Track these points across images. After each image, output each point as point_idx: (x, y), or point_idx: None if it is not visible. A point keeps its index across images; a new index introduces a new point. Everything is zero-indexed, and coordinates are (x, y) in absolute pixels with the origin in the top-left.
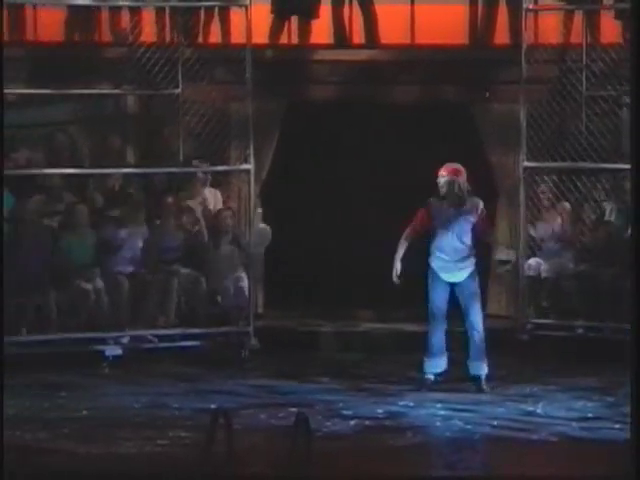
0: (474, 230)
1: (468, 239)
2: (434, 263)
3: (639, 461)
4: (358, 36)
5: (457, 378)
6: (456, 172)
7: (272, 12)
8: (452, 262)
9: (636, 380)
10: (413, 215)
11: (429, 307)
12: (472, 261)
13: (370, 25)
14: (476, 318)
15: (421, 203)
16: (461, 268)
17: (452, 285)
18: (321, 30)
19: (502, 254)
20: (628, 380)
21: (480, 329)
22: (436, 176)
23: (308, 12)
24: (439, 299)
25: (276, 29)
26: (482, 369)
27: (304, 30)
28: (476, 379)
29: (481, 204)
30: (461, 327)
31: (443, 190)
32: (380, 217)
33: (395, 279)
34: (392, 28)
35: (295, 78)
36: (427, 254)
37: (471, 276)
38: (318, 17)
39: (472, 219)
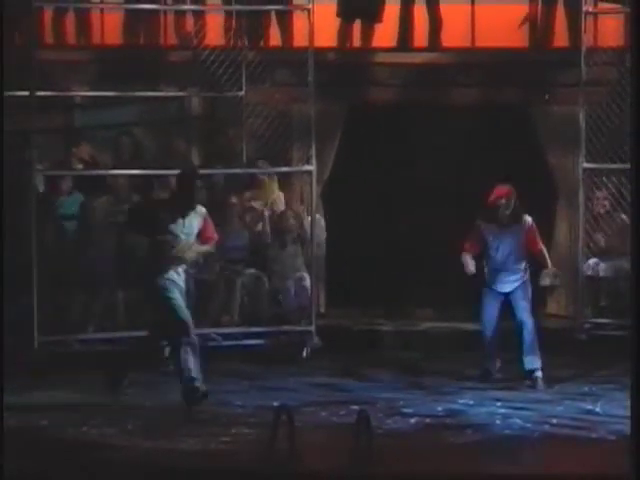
0: (525, 246)
1: (520, 255)
2: (487, 278)
3: (639, 460)
4: (419, 39)
5: (516, 376)
6: (508, 194)
7: (337, 15)
8: (504, 275)
9: (636, 379)
10: (469, 225)
11: (482, 319)
12: (523, 274)
13: (435, 27)
14: (525, 316)
15: (480, 204)
16: (513, 280)
17: (505, 294)
18: (382, 33)
19: (545, 280)
20: None
21: (530, 327)
22: (486, 192)
23: (372, 15)
24: (491, 312)
25: (341, 31)
26: (536, 363)
27: (367, 33)
28: (531, 373)
29: (530, 220)
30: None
31: (496, 213)
32: (440, 218)
33: (470, 269)
34: (452, 29)
35: (356, 80)
36: (481, 271)
37: (522, 286)
38: (382, 21)
39: (523, 236)
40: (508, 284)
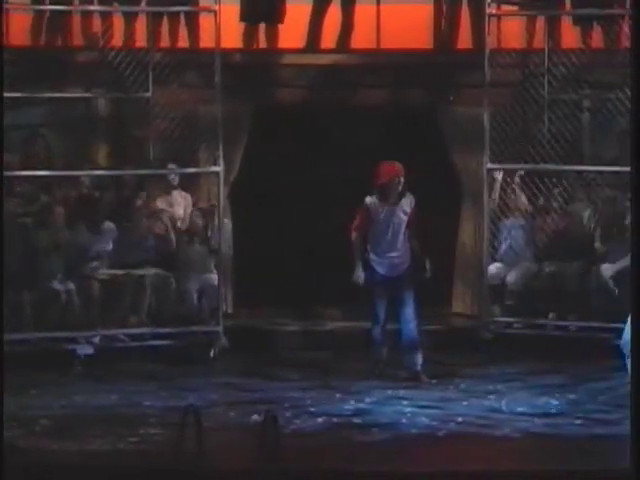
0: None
1: (404, 235)
2: (373, 260)
3: (639, 459)
4: (325, 40)
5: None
6: (398, 171)
7: (241, 19)
8: (389, 258)
9: (636, 378)
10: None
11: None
12: (408, 256)
13: (347, 29)
14: (410, 310)
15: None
16: (398, 264)
17: (391, 280)
18: (289, 34)
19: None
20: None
21: (414, 321)
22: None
23: (275, 18)
24: (380, 296)
25: (248, 33)
26: (418, 360)
27: (273, 35)
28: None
29: (414, 200)
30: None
31: (386, 190)
32: (347, 217)
33: (359, 279)
34: (358, 31)
35: (263, 82)
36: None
37: (407, 271)
38: (283, 22)
39: (407, 215)
40: (394, 268)
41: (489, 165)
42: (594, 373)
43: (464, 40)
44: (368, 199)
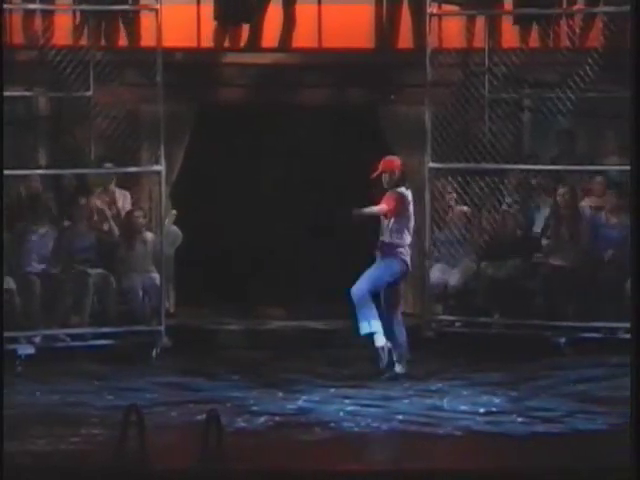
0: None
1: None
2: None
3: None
4: (267, 39)
5: (366, 374)
6: (388, 165)
7: (215, 18)
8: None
9: (636, 378)
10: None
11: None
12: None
13: (288, 28)
14: (400, 310)
15: (330, 203)
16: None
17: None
18: (232, 33)
19: None
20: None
21: (402, 322)
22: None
23: (249, 19)
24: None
25: (218, 34)
26: (404, 362)
27: (215, 34)
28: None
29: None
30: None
31: (385, 185)
32: (289, 217)
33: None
34: (299, 30)
35: (205, 81)
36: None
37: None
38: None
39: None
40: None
41: (431, 164)
42: (535, 371)
43: (405, 40)
44: (402, 189)
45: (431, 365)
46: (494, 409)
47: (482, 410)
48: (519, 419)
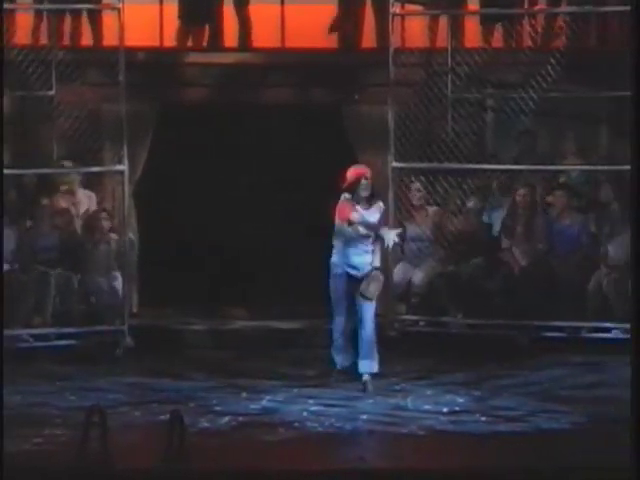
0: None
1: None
2: (337, 258)
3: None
4: (231, 39)
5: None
6: (369, 173)
7: (179, 17)
8: (355, 259)
9: (636, 379)
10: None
11: (333, 303)
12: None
13: (245, 28)
14: (368, 317)
15: (294, 202)
16: (365, 264)
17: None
18: (197, 33)
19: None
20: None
21: (371, 326)
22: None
23: (212, 19)
24: (343, 295)
25: (181, 34)
26: (370, 366)
27: (178, 33)
28: (361, 376)
29: (382, 207)
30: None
31: (363, 193)
32: (252, 217)
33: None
34: (263, 29)
35: (168, 80)
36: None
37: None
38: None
39: (378, 220)
40: (360, 270)
41: (394, 164)
42: (498, 370)
43: (368, 39)
44: (347, 195)
45: (394, 365)
46: (457, 408)
47: (445, 409)
48: (482, 418)
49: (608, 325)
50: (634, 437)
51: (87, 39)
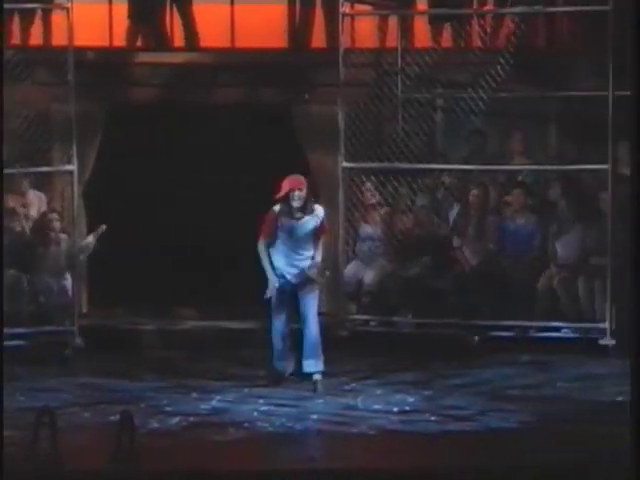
0: (315, 235)
1: (310, 246)
2: (278, 264)
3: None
4: (180, 39)
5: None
6: (302, 184)
7: (128, 17)
8: (295, 266)
9: (636, 380)
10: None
11: (270, 303)
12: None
13: (190, 27)
14: (311, 317)
15: (244, 202)
16: (304, 268)
17: (294, 285)
18: (145, 33)
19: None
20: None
21: (315, 326)
22: (274, 186)
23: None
24: (279, 293)
25: (130, 33)
26: (317, 366)
27: (127, 33)
28: (310, 376)
29: (322, 212)
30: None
31: (296, 204)
32: (202, 217)
33: (272, 291)
34: (212, 29)
35: (118, 80)
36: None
37: (311, 281)
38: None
39: (314, 226)
40: (297, 276)
41: (344, 164)
42: (448, 370)
43: (318, 39)
44: (277, 207)
45: (345, 364)
46: (408, 408)
47: (396, 409)
48: (432, 418)
49: (557, 324)
50: (634, 437)
51: (36, 38)
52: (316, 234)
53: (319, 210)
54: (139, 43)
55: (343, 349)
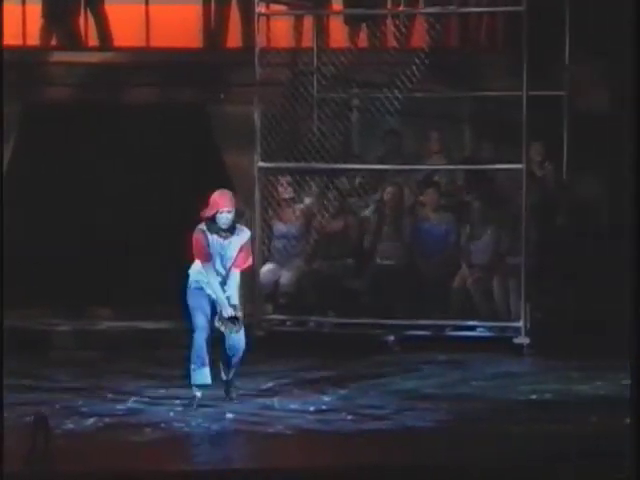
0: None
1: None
2: (200, 280)
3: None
4: (94, 38)
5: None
6: (232, 203)
7: (42, 16)
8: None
9: (636, 380)
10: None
11: (193, 317)
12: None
13: (102, 26)
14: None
15: (160, 202)
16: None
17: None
18: (60, 32)
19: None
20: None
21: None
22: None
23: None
24: (204, 309)
25: (44, 32)
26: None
27: (42, 32)
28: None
29: (248, 235)
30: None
31: (224, 225)
32: (117, 217)
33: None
34: (127, 29)
35: (31, 80)
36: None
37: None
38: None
39: (238, 247)
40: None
41: (260, 163)
42: (364, 369)
43: (234, 39)
44: (203, 227)
45: (261, 364)
46: (324, 407)
47: (312, 408)
48: (349, 417)
49: (473, 323)
50: (634, 437)
51: None
52: (236, 263)
53: (245, 232)
54: (53, 42)
55: (259, 349)
